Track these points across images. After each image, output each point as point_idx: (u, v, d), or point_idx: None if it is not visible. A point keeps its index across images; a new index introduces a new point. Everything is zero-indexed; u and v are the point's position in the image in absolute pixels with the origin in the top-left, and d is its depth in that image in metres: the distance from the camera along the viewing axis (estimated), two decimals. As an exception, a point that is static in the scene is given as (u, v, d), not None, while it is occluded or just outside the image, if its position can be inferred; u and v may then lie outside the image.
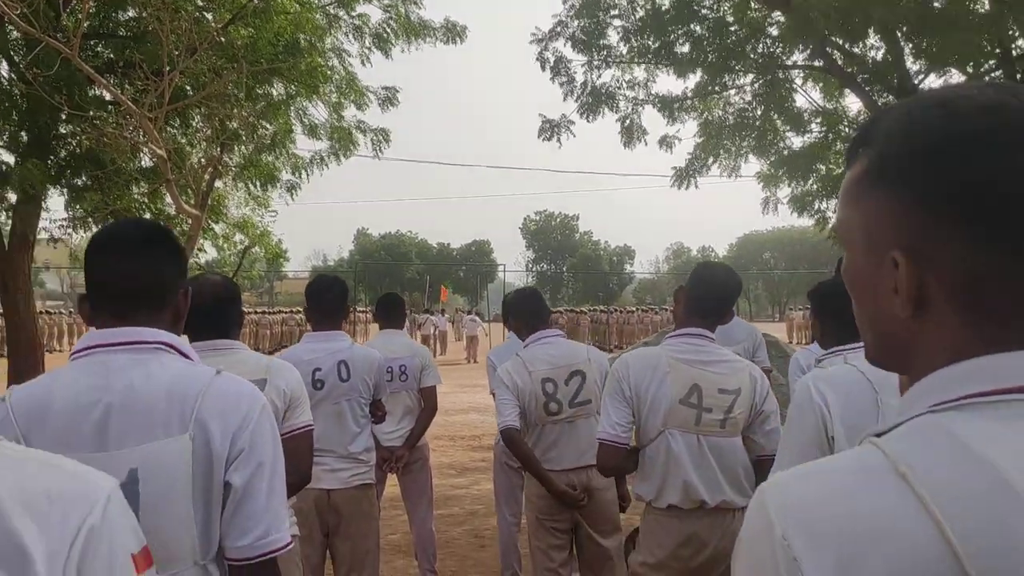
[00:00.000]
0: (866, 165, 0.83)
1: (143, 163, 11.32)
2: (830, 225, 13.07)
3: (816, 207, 12.85)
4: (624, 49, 12.31)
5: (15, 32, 9.81)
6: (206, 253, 14.04)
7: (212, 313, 2.76)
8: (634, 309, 37.11)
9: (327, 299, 4.10)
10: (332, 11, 11.67)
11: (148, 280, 1.69)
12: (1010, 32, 10.25)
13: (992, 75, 11.49)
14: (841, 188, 0.88)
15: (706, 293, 2.98)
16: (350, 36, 11.87)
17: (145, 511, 1.51)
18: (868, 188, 0.82)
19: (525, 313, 4.19)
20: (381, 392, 4.27)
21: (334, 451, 3.96)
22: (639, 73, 12.77)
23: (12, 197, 11.21)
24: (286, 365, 2.93)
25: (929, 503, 0.67)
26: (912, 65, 11.43)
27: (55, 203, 11.67)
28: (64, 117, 10.24)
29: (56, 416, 1.57)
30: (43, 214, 11.80)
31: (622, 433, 2.92)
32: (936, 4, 10.21)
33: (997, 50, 10.50)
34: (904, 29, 10.42)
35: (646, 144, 12.98)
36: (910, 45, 11.05)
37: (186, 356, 1.71)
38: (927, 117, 0.78)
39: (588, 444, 3.85)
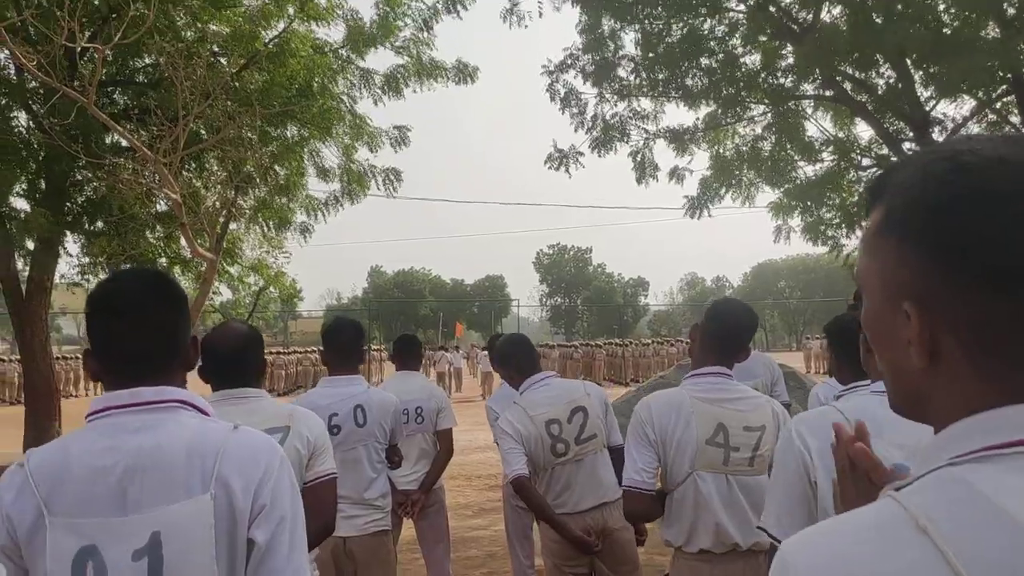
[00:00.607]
0: (881, 216, 0.84)
1: (158, 207, 11.44)
2: (845, 252, 13.00)
3: (830, 235, 12.79)
4: (635, 81, 12.37)
5: (33, 82, 9.98)
6: (221, 295, 14.14)
7: (235, 361, 2.76)
8: (649, 342, 36.91)
9: (343, 343, 4.07)
10: (344, 54, 11.82)
11: (159, 339, 1.66)
12: (1020, 57, 10.23)
13: (1003, 100, 11.48)
14: (861, 237, 0.89)
15: (723, 331, 2.94)
16: (362, 80, 12.01)
17: (169, 573, 1.49)
18: (882, 239, 0.83)
19: (517, 361, 4.14)
20: (398, 437, 4.22)
21: (350, 497, 3.90)
22: (649, 105, 12.82)
23: (30, 244, 11.33)
24: (309, 413, 2.90)
25: (951, 558, 0.67)
26: (923, 92, 11.43)
27: (72, 249, 11.90)
28: (81, 164, 10.38)
29: (75, 480, 1.55)
30: (60, 260, 11.94)
31: (648, 479, 2.87)
32: (946, 31, 10.23)
33: (1008, 75, 10.48)
34: (914, 56, 10.44)
35: (657, 180, 13.00)
36: (920, 72, 11.06)
37: (202, 411, 1.68)
38: (937, 171, 0.79)
39: (599, 481, 3.78)
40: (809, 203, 12.32)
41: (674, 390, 3.00)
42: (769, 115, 12.50)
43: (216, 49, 11.11)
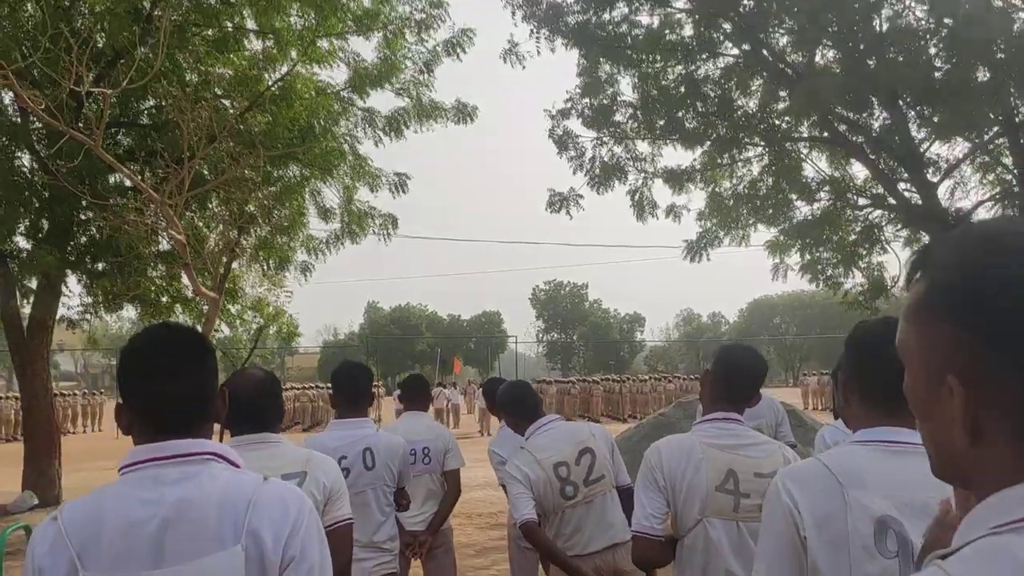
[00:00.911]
0: (923, 290, 0.86)
1: (161, 247, 11.51)
2: (843, 290, 13.07)
3: (828, 273, 12.88)
4: (632, 124, 12.55)
5: (37, 123, 10.09)
6: (220, 332, 14.15)
7: (254, 407, 2.80)
8: (647, 378, 36.79)
9: (353, 386, 4.11)
10: (346, 96, 11.97)
11: (195, 395, 1.71)
12: (1012, 100, 10.41)
13: (996, 143, 11.64)
14: (904, 306, 0.92)
15: (733, 377, 2.97)
16: (363, 124, 12.15)
17: None
18: (926, 314, 0.86)
19: (520, 408, 4.18)
20: (405, 480, 4.24)
21: (359, 541, 3.90)
22: (646, 148, 13.00)
23: (32, 283, 11.36)
24: (326, 458, 2.95)
25: None
26: (916, 133, 11.60)
27: (74, 288, 11.95)
28: (85, 204, 10.46)
29: (110, 533, 1.57)
30: (61, 299, 11.96)
31: (657, 524, 2.87)
32: (938, 74, 10.41)
33: (1000, 117, 10.66)
34: (907, 99, 10.61)
35: (657, 218, 13.14)
36: (913, 114, 11.24)
37: (233, 463, 1.73)
38: (977, 252, 0.82)
39: (609, 522, 3.78)
40: (808, 241, 12.42)
41: (684, 435, 3.02)
42: (766, 156, 12.66)
43: (220, 92, 11.26)
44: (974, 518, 0.82)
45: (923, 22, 11.06)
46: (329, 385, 4.50)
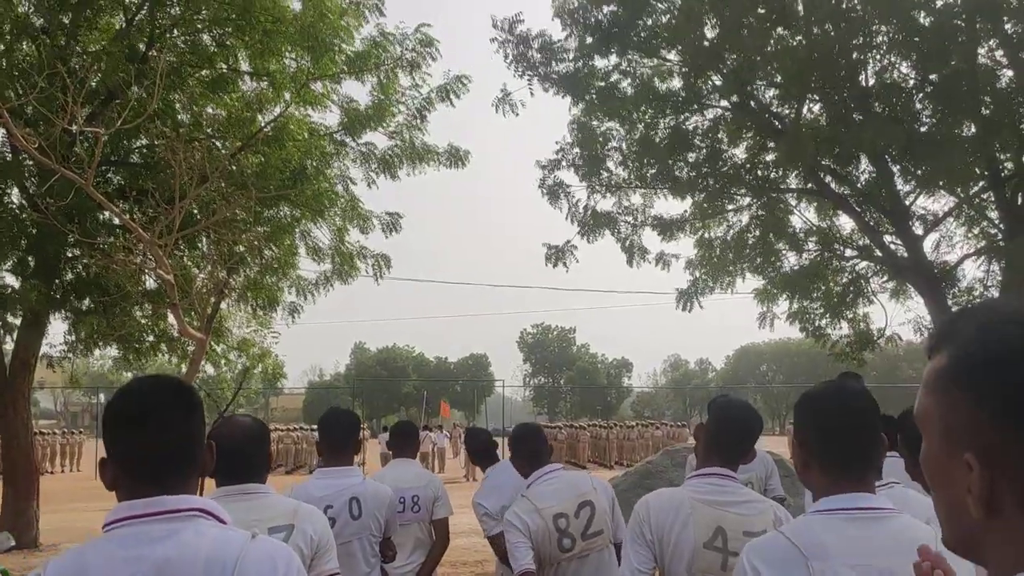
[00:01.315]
0: (945, 363, 0.87)
1: (148, 286, 11.45)
2: (831, 340, 13.12)
3: (816, 323, 12.95)
4: (623, 174, 12.69)
5: (29, 160, 10.08)
6: (204, 372, 14.02)
7: (241, 456, 2.75)
8: (634, 424, 36.60)
9: (340, 434, 4.07)
10: (339, 138, 12.04)
11: (180, 447, 1.68)
12: (997, 155, 10.58)
13: (981, 197, 11.80)
14: (924, 375, 0.91)
15: (727, 433, 2.95)
16: (356, 162, 12.21)
17: None
18: (946, 387, 0.86)
19: (528, 451, 4.16)
20: (392, 529, 4.18)
21: (343, 591, 3.84)
22: (637, 199, 13.15)
23: (15, 322, 11.26)
24: (313, 510, 2.89)
25: None
26: (902, 186, 11.76)
27: (58, 327, 11.73)
28: (72, 242, 10.41)
29: None
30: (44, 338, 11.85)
31: None
32: (923, 129, 10.59)
33: (985, 172, 10.82)
34: (893, 153, 10.77)
35: (648, 263, 13.23)
36: (898, 168, 11.40)
37: (220, 520, 1.69)
38: (1005, 333, 0.82)
39: None
40: (795, 291, 12.51)
41: (675, 489, 3.00)
42: (755, 206, 12.80)
43: (212, 132, 11.30)
44: None
45: (909, 78, 11.28)
46: (314, 427, 4.45)
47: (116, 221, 10.71)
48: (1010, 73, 10.56)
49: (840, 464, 1.86)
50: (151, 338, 12.25)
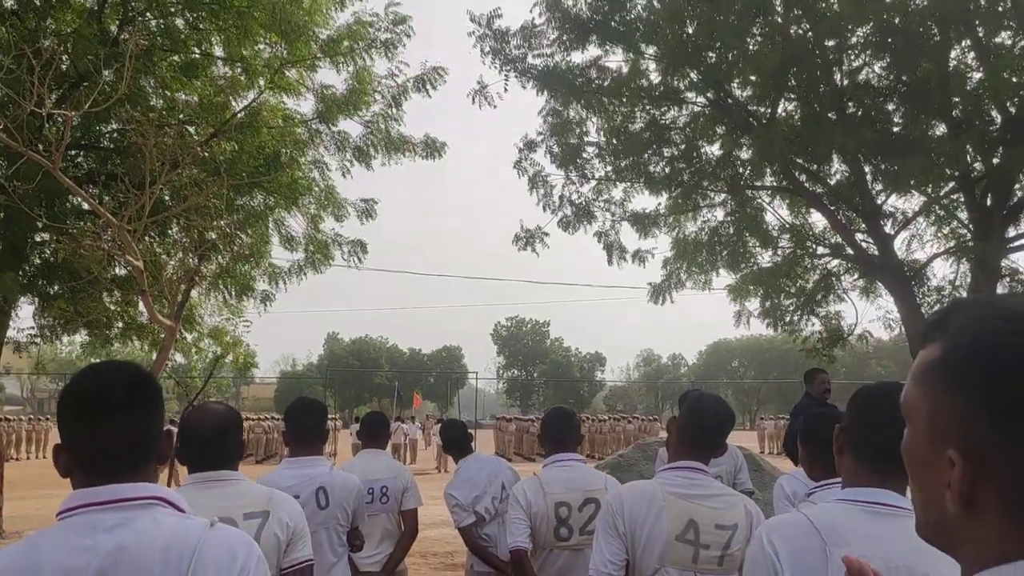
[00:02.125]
0: (938, 356, 0.86)
1: (117, 272, 11.28)
2: (802, 336, 13.24)
3: (787, 320, 13.06)
4: (600, 166, 12.70)
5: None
6: (173, 360, 13.87)
7: (214, 443, 2.74)
8: (606, 418, 36.75)
9: (307, 424, 4.03)
10: (314, 126, 11.93)
11: (137, 435, 1.64)
12: (967, 156, 10.71)
13: (951, 197, 11.96)
14: (914, 364, 0.91)
15: (699, 427, 2.97)
16: (331, 150, 12.10)
17: None
18: (936, 380, 0.86)
19: (554, 432, 4.16)
20: (360, 520, 4.16)
21: (310, 582, 3.81)
22: (616, 193, 13.17)
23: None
24: (287, 498, 2.88)
25: None
26: (874, 185, 11.88)
27: (23, 312, 11.57)
28: (40, 226, 10.23)
29: None
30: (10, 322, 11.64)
31: (615, 571, 2.84)
32: (895, 129, 10.70)
33: (955, 173, 10.95)
34: (865, 152, 10.87)
35: (628, 260, 13.28)
36: (870, 167, 11.51)
37: (178, 508, 1.66)
38: (997, 330, 0.82)
39: None
40: (767, 288, 12.60)
41: (647, 482, 3.01)
42: (729, 202, 12.87)
43: (185, 118, 11.14)
44: None
45: (882, 79, 11.39)
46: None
47: (86, 206, 10.54)
48: (980, 75, 10.69)
49: (874, 457, 1.89)
50: (120, 325, 12.09)
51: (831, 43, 10.84)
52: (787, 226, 13.12)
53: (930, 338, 0.89)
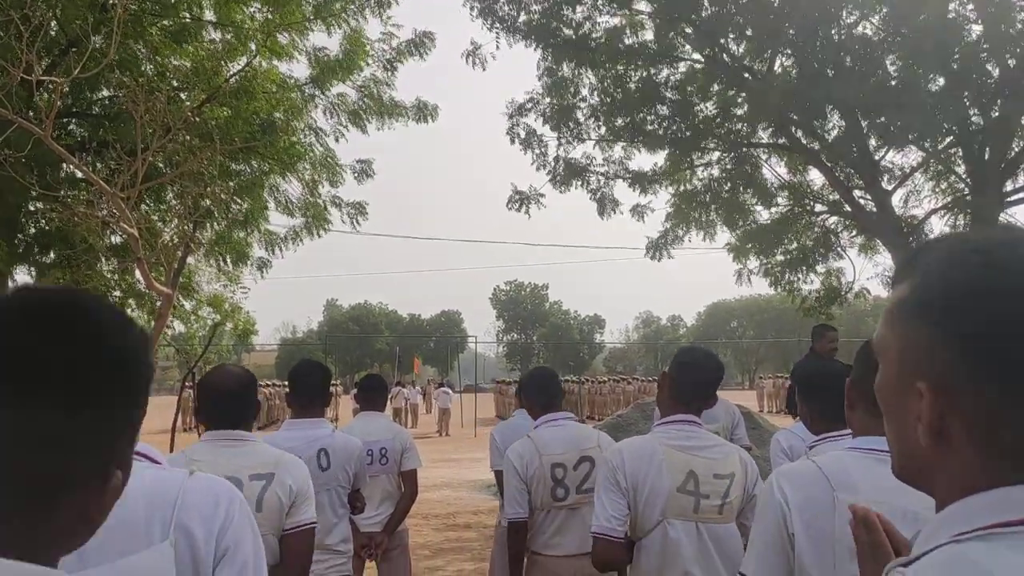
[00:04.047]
0: (906, 293, 0.87)
1: (113, 240, 11.24)
2: (800, 295, 13.26)
3: (786, 277, 13.06)
4: (594, 126, 12.59)
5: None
6: (173, 328, 13.89)
7: (229, 404, 2.83)
8: (606, 379, 36.93)
9: (310, 386, 4.04)
10: (308, 91, 11.82)
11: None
12: (966, 109, 10.63)
13: (949, 152, 11.89)
14: (886, 306, 0.92)
15: (690, 380, 3.00)
16: (326, 115, 12.02)
17: None
18: (905, 316, 0.86)
19: (537, 393, 4.17)
20: (361, 482, 4.19)
21: (311, 543, 3.85)
22: (609, 152, 13.06)
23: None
24: (296, 461, 2.93)
25: None
26: (871, 142, 11.80)
27: (21, 280, 11.49)
28: (34, 195, 10.18)
29: None
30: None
31: (618, 526, 2.87)
32: (892, 83, 10.60)
33: (952, 127, 10.88)
34: (862, 107, 10.78)
35: (621, 214, 13.21)
36: (868, 123, 11.43)
37: (155, 461, 1.67)
38: (966, 263, 0.82)
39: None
40: (765, 245, 12.59)
41: (645, 437, 3.03)
42: (726, 160, 12.80)
43: (176, 84, 11.03)
44: (936, 525, 0.82)
45: (878, 32, 11.26)
46: (286, 383, 4.45)
47: (79, 174, 10.47)
48: (978, 28, 10.57)
49: None
50: (118, 293, 12.09)
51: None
52: (785, 183, 13.07)
53: (900, 278, 0.89)
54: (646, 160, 21.89)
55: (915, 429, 0.83)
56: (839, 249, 13.06)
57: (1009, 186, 11.29)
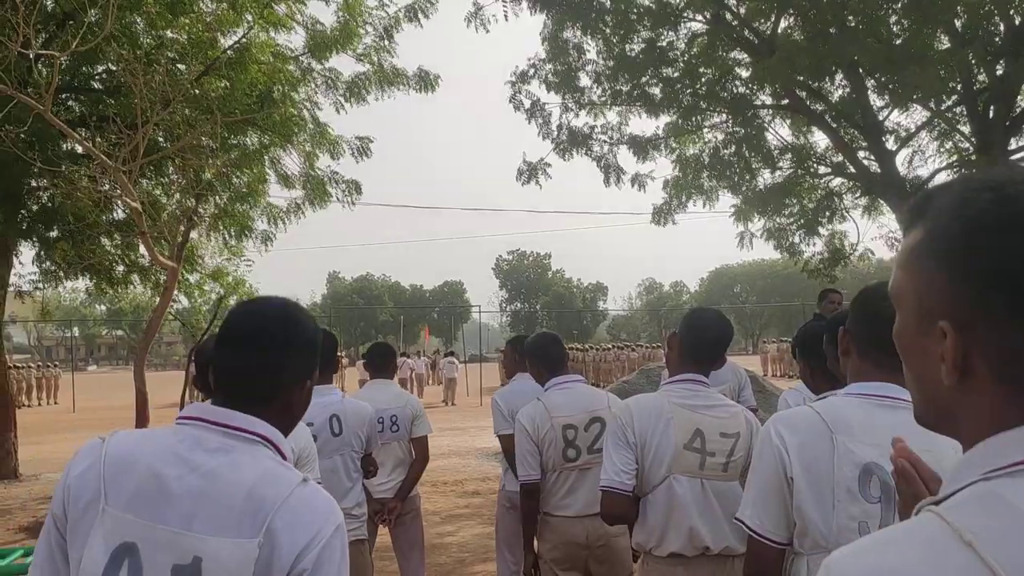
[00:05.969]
0: (920, 236, 0.87)
1: (116, 215, 11.23)
2: (804, 257, 13.25)
3: (789, 240, 13.04)
4: (597, 92, 12.50)
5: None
6: (178, 302, 13.93)
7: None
8: (610, 346, 37.00)
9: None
10: (305, 62, 11.73)
11: (262, 379, 1.67)
12: (971, 67, 10.53)
13: (953, 111, 11.80)
14: (899, 252, 0.92)
15: (699, 340, 3.02)
16: (324, 87, 11.93)
17: None
18: (922, 259, 0.86)
19: (546, 358, 4.20)
20: (373, 446, 4.23)
21: (326, 507, 3.90)
22: (612, 117, 12.97)
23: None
24: (299, 425, 2.93)
25: (997, 568, 0.70)
26: (876, 101, 11.72)
27: (26, 257, 11.56)
28: (36, 171, 10.17)
29: (137, 474, 1.54)
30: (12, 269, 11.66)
31: (627, 480, 2.92)
32: (897, 42, 10.49)
33: (957, 86, 10.79)
34: (867, 67, 10.69)
35: (623, 182, 13.17)
36: (872, 82, 11.34)
37: (282, 454, 1.67)
38: (978, 200, 0.82)
39: None
40: (769, 208, 12.55)
41: (653, 395, 3.06)
42: (730, 123, 12.72)
43: (174, 56, 10.95)
44: (965, 463, 0.82)
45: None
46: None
47: (80, 149, 10.45)
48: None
49: (877, 351, 1.91)
50: (122, 268, 12.10)
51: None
52: (788, 146, 12.99)
53: (913, 224, 0.89)
54: (646, 125, 21.70)
55: (938, 371, 0.83)
56: (843, 211, 13.02)
57: (1013, 144, 11.22)
